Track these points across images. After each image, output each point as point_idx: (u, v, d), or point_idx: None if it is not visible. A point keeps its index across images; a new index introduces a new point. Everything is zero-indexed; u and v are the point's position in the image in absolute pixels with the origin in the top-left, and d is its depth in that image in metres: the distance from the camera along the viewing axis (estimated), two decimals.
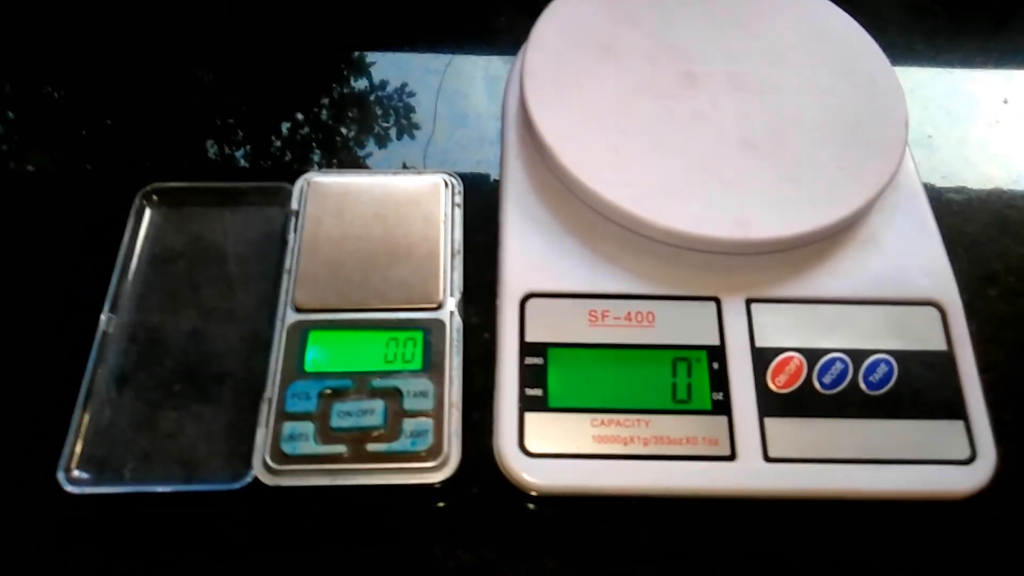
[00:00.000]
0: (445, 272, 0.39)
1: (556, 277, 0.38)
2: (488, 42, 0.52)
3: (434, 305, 0.38)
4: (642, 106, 0.41)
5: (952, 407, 0.36)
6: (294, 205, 0.41)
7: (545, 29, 0.43)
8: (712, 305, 0.37)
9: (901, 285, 0.38)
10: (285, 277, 0.39)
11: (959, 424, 0.36)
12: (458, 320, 0.38)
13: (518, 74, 0.44)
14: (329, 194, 0.41)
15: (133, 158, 0.46)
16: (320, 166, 0.46)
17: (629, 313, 0.37)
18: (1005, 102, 0.49)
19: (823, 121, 0.41)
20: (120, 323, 0.39)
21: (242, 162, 0.46)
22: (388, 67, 0.50)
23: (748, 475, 0.34)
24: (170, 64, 0.50)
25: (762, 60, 0.43)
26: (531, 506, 0.35)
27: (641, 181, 0.38)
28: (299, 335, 0.37)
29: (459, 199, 0.42)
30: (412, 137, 0.47)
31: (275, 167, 0.46)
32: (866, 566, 0.35)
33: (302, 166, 0.43)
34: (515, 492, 0.35)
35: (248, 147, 0.47)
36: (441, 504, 0.35)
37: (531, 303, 0.37)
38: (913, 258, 0.39)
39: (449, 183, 0.42)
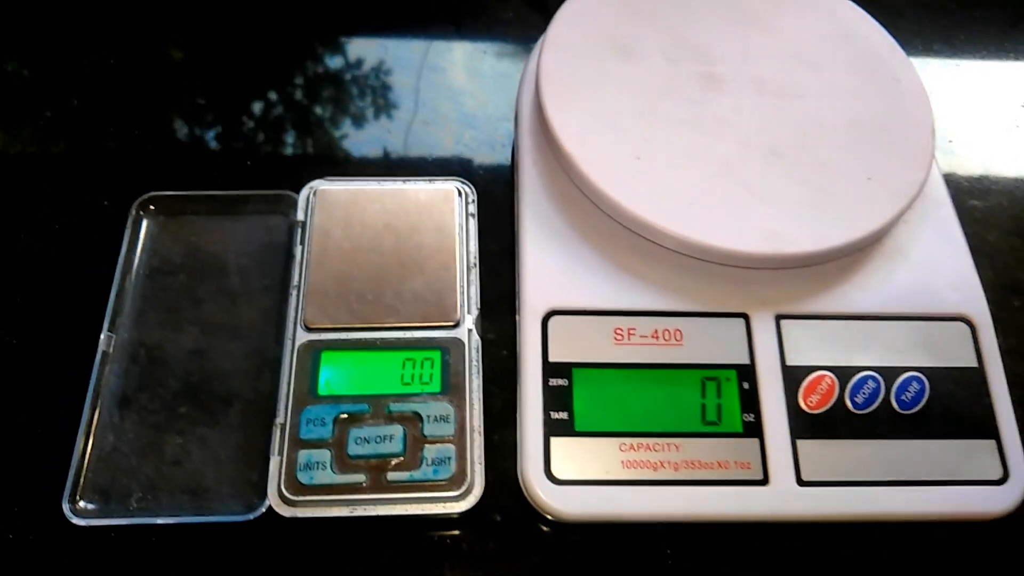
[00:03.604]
0: (462, 287, 0.37)
1: (579, 293, 0.37)
2: (496, 37, 0.50)
3: (451, 322, 0.37)
4: (664, 111, 0.39)
5: (983, 426, 0.35)
6: (299, 215, 0.39)
7: (561, 28, 0.41)
8: (741, 322, 0.36)
9: (930, 299, 0.38)
10: (293, 293, 0.37)
11: (991, 443, 0.35)
12: (476, 338, 0.36)
13: (532, 75, 0.42)
14: (337, 203, 0.39)
15: (127, 165, 0.43)
16: (322, 168, 0.43)
17: (656, 331, 0.36)
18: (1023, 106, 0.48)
19: (849, 127, 0.39)
20: (120, 342, 0.37)
21: (242, 167, 0.44)
22: (392, 65, 0.48)
23: (782, 499, 0.33)
24: (161, 70, 0.48)
25: (784, 62, 0.41)
26: (558, 534, 0.34)
27: (666, 191, 0.37)
28: (311, 356, 0.35)
29: (473, 208, 0.40)
30: (419, 139, 0.45)
31: (276, 172, 0.44)
32: None
33: (304, 171, 0.41)
34: (541, 520, 0.34)
35: (248, 151, 0.44)
36: (464, 533, 0.34)
37: (554, 321, 0.36)
38: (941, 271, 0.38)
39: (463, 191, 0.40)
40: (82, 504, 0.33)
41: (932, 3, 0.53)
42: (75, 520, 0.33)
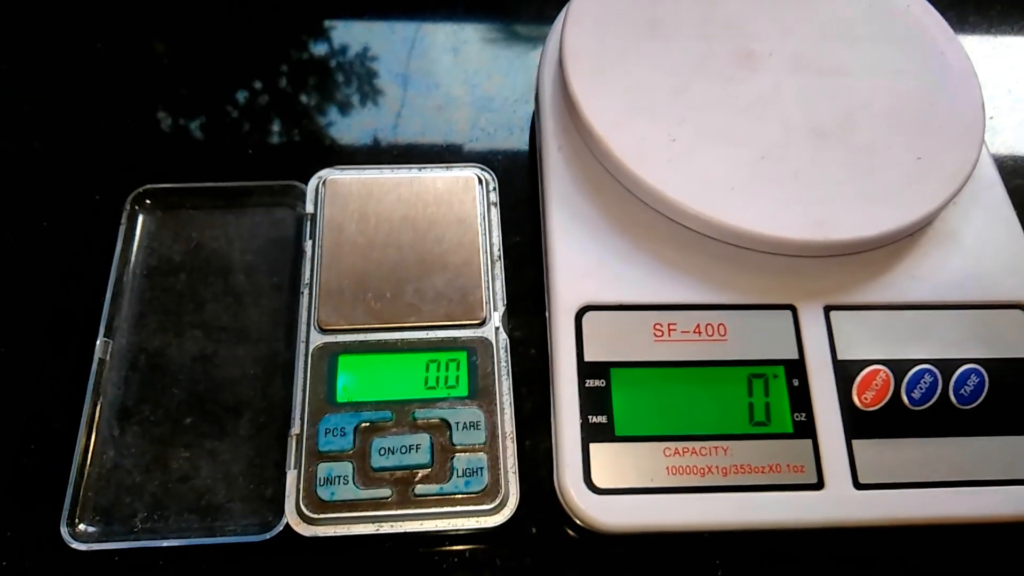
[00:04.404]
0: (486, 282, 0.35)
1: (614, 286, 0.34)
2: (509, 14, 0.47)
3: (477, 321, 0.34)
4: (699, 89, 0.36)
5: None
6: (309, 207, 0.36)
7: (584, 1, 0.38)
8: (788, 314, 0.34)
9: (985, 286, 0.35)
10: (305, 292, 0.34)
11: None
12: (504, 337, 0.34)
13: (554, 53, 0.39)
14: (349, 194, 0.37)
15: (120, 157, 0.40)
16: (331, 156, 0.40)
17: (698, 325, 0.33)
18: None
19: (894, 105, 0.37)
20: (118, 348, 0.34)
21: (244, 156, 0.41)
22: (401, 47, 0.45)
23: (838, 504, 0.31)
24: (155, 54, 0.45)
25: (824, 36, 0.39)
26: (600, 547, 0.32)
27: (705, 175, 0.34)
28: (326, 360, 0.33)
29: (495, 196, 0.38)
30: (432, 124, 0.42)
31: (282, 161, 0.41)
32: None
33: (311, 159, 0.38)
34: (581, 532, 0.31)
35: (250, 139, 0.41)
36: (498, 548, 0.32)
37: (588, 317, 0.33)
38: (996, 255, 0.36)
39: (483, 179, 0.38)
40: (82, 527, 0.31)
41: None
42: (75, 544, 0.30)
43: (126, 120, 0.41)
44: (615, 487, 0.31)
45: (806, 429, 0.32)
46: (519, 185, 0.40)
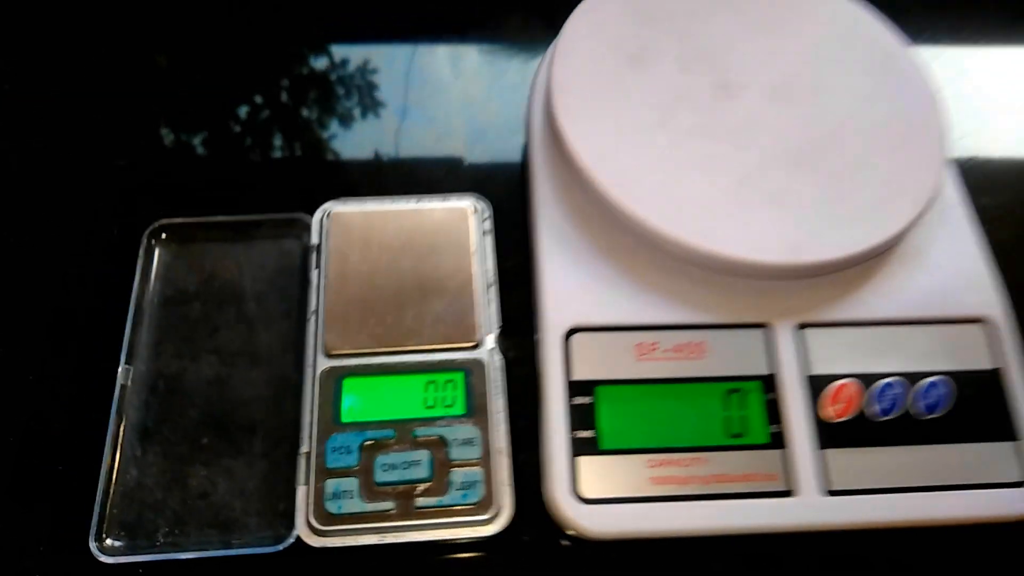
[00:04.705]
0: (481, 306, 0.37)
1: (599, 309, 0.36)
2: (502, 47, 0.49)
3: (472, 343, 0.36)
4: (678, 120, 0.39)
5: (1003, 428, 0.35)
6: (314, 239, 0.39)
7: (572, 36, 0.41)
8: (762, 332, 0.36)
9: (948, 302, 0.38)
10: (312, 319, 0.37)
11: (1012, 445, 0.35)
12: (498, 358, 0.36)
13: (543, 85, 0.41)
14: (352, 225, 0.39)
15: (135, 194, 0.43)
16: (333, 188, 0.43)
17: (679, 345, 0.36)
18: None
19: (863, 130, 0.39)
20: (138, 374, 0.37)
21: (251, 191, 0.43)
22: (396, 79, 0.48)
23: (809, 510, 0.33)
24: (167, 95, 0.47)
25: (796, 67, 0.41)
26: (589, 554, 0.34)
27: (683, 203, 0.36)
28: (333, 382, 0.35)
29: (488, 224, 0.40)
30: (429, 154, 0.45)
31: (287, 195, 0.43)
32: None
33: (315, 192, 0.40)
34: (571, 540, 0.34)
35: (257, 174, 0.44)
36: (494, 556, 0.34)
37: (575, 338, 0.36)
38: (958, 273, 0.38)
39: (478, 208, 0.40)
40: (109, 542, 0.33)
41: None
42: (103, 558, 0.32)
43: (144, 158, 0.44)
44: (602, 497, 0.33)
45: (780, 440, 0.35)
46: (513, 212, 0.42)
